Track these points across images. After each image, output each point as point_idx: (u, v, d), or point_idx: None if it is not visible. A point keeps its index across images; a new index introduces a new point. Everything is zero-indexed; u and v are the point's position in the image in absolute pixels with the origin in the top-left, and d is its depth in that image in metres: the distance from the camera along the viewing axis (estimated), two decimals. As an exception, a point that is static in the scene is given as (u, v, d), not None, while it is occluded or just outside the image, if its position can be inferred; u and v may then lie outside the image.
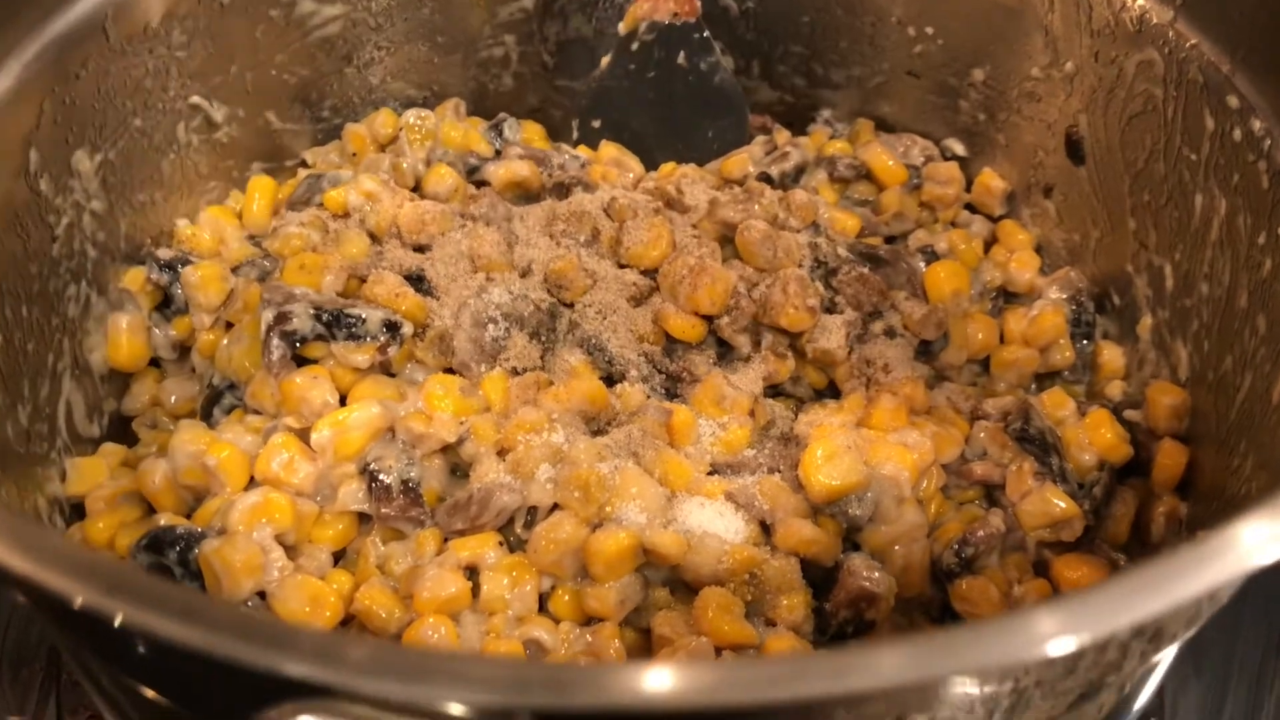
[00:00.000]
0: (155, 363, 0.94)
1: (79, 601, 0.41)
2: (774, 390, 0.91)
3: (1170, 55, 0.84)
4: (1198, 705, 0.98)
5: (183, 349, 0.93)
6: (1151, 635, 0.58)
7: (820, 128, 1.11)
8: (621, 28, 1.01)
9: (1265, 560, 0.46)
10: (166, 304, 0.93)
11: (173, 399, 0.92)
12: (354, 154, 1.03)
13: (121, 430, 0.93)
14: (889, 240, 1.01)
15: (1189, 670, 0.99)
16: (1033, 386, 0.94)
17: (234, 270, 0.92)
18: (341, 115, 1.08)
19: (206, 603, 0.43)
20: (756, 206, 0.91)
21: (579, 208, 0.91)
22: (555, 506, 0.75)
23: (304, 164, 1.07)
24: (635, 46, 1.01)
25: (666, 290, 0.87)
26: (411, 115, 1.03)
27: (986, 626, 0.46)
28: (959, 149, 1.06)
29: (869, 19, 1.05)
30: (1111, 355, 0.93)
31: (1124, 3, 0.88)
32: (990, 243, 1.03)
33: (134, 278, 0.92)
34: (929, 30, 1.03)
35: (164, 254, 0.93)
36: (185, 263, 0.92)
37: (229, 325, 0.90)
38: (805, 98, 1.12)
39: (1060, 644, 0.45)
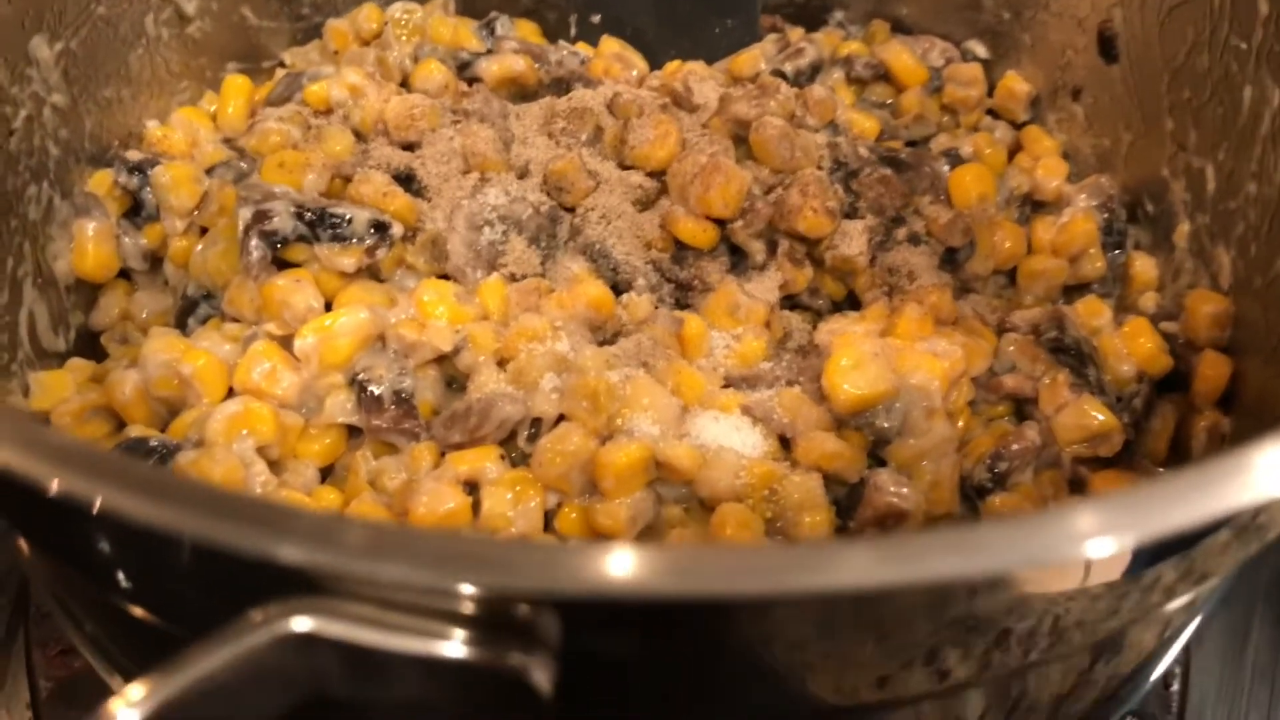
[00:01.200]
0: (126, 274, 0.88)
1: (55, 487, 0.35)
2: (790, 302, 0.85)
3: (1220, -64, 0.78)
4: (1224, 633, 0.95)
5: (154, 259, 0.87)
6: (1199, 575, 0.54)
7: (832, 30, 1.05)
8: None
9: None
10: (136, 211, 0.86)
11: (144, 312, 0.86)
12: (336, 52, 0.96)
13: (90, 345, 0.86)
14: (910, 144, 0.94)
15: (1214, 599, 0.96)
16: (1060, 300, 0.89)
17: (208, 172, 0.85)
18: (322, 13, 1.01)
19: (185, 482, 0.37)
20: (772, 103, 0.85)
21: (580, 104, 0.85)
22: (561, 418, 0.70)
23: (282, 65, 1.00)
24: (639, -65, 0.94)
25: (676, 192, 0.81)
26: (398, 8, 0.96)
27: (1017, 522, 0.41)
28: (981, 51, 1.00)
29: (887, -89, 0.99)
30: (1144, 266, 0.87)
31: (1169, -119, 0.81)
32: (1014, 150, 0.97)
33: (100, 181, 0.86)
34: (949, -79, 0.96)
35: (133, 156, 0.86)
36: (155, 165, 0.85)
37: (203, 231, 0.84)
38: (815, -3, 1.06)
39: (1100, 544, 0.40)
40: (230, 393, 0.73)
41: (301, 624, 0.34)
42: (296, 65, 0.97)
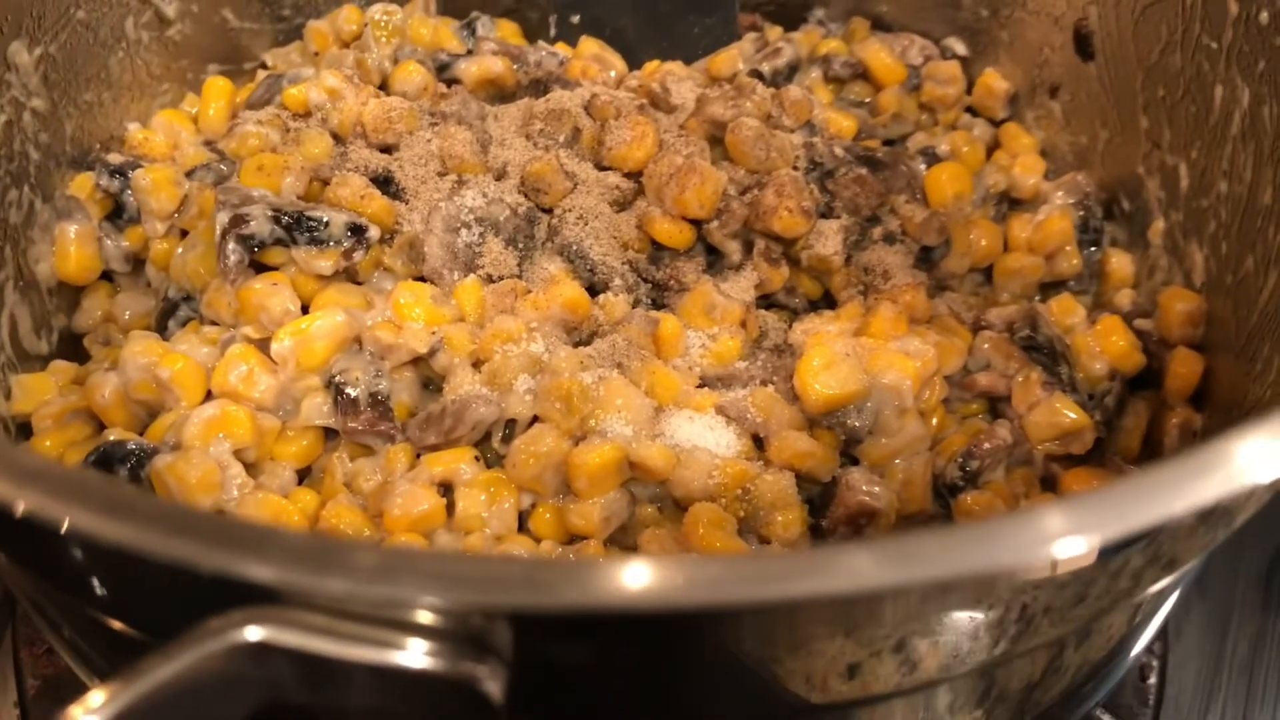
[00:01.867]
0: (108, 276, 0.89)
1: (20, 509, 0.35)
2: (766, 301, 0.85)
3: (1191, -64, 0.79)
4: (1201, 627, 0.95)
5: (136, 261, 0.88)
6: (1166, 561, 0.54)
7: (812, 28, 1.05)
8: (601, -85, 0.94)
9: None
10: (118, 213, 0.87)
11: (126, 314, 0.87)
12: (316, 53, 0.97)
13: (72, 348, 0.87)
14: (887, 143, 0.95)
15: (1193, 593, 0.96)
16: (1036, 298, 0.89)
17: (188, 175, 0.85)
18: (303, 14, 1.02)
19: (144, 497, 0.38)
20: (748, 104, 0.85)
21: (558, 105, 0.85)
22: (535, 419, 0.70)
23: (264, 66, 1.00)
24: (616, -64, 0.95)
25: (652, 193, 0.82)
26: (378, 10, 0.96)
27: (988, 526, 0.42)
28: (960, 48, 1.00)
29: (866, -91, 0.99)
30: (1120, 263, 0.88)
31: (1141, -119, 0.82)
32: (992, 148, 0.97)
33: (82, 184, 0.86)
34: (927, -82, 0.97)
35: (114, 159, 0.87)
36: (136, 168, 0.86)
37: (183, 233, 0.84)
38: (795, -5, 1.06)
39: (1069, 544, 0.41)
40: (208, 396, 0.74)
41: (254, 633, 0.35)
42: (278, 67, 0.98)
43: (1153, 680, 0.91)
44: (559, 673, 0.39)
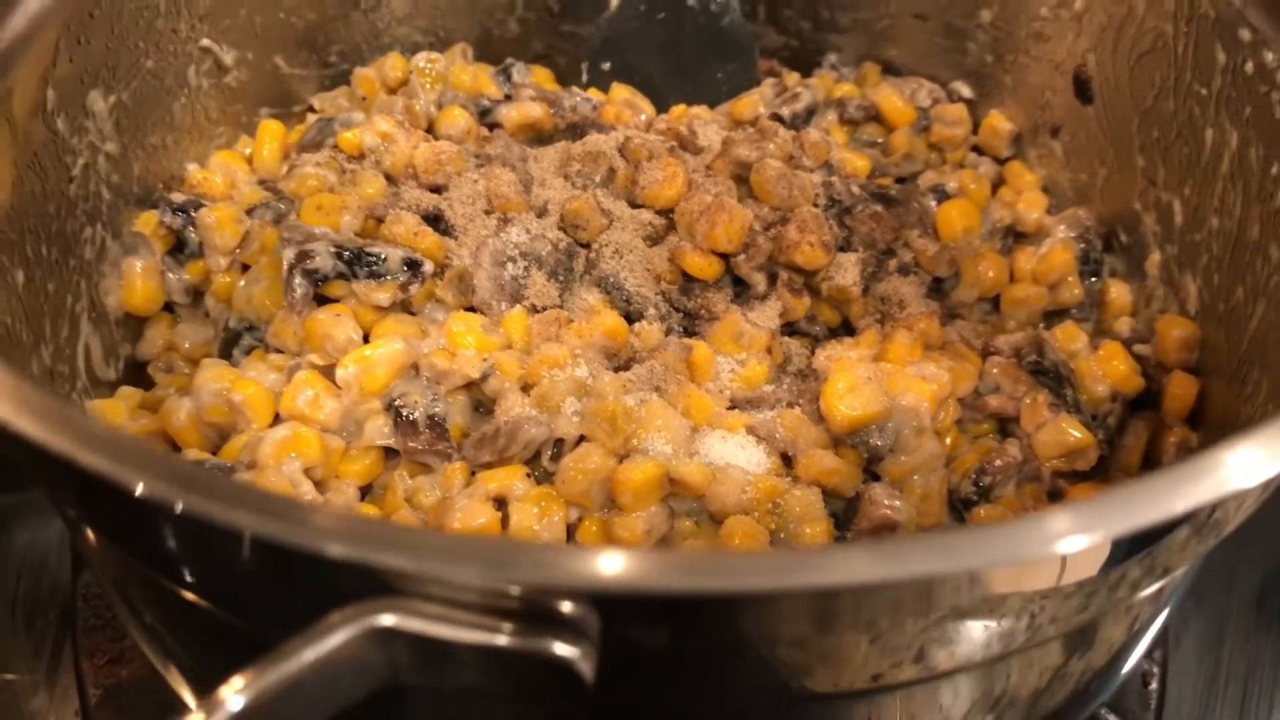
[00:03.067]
0: (169, 308, 0.94)
1: (140, 490, 0.41)
2: (789, 329, 0.91)
3: (1182, -10, 0.85)
4: (1199, 634, 1.01)
5: (196, 293, 0.93)
6: (1161, 570, 0.60)
7: (826, 72, 1.11)
8: (629, -32, 1.01)
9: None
10: (179, 248, 0.93)
11: (187, 343, 0.92)
12: (364, 98, 1.03)
13: (137, 375, 0.93)
14: (899, 181, 1.01)
15: (1190, 603, 1.02)
16: (1041, 325, 0.95)
17: (248, 213, 0.91)
18: (348, 60, 1.08)
19: (265, 493, 0.43)
20: (771, 145, 0.91)
21: (594, 148, 0.91)
22: (582, 439, 0.76)
23: (311, 109, 1.06)
24: (645, -13, 1.01)
25: (683, 228, 0.88)
26: (422, 59, 1.03)
27: (1002, 526, 0.47)
28: (966, 91, 1.07)
29: (876, -39, 1.06)
30: (1119, 292, 0.94)
31: (1135, -61, 0.88)
32: (998, 185, 1.04)
33: (146, 221, 0.92)
34: (937, -29, 1.03)
35: (176, 198, 0.93)
36: (198, 206, 0.92)
37: (244, 267, 0.90)
38: (811, 42, 1.13)
39: (1073, 542, 0.46)
40: (276, 418, 0.79)
41: (386, 620, 0.41)
42: (326, 110, 1.04)
43: (1154, 686, 0.96)
44: (642, 656, 0.44)
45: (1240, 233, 0.81)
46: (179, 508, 0.40)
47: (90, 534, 0.60)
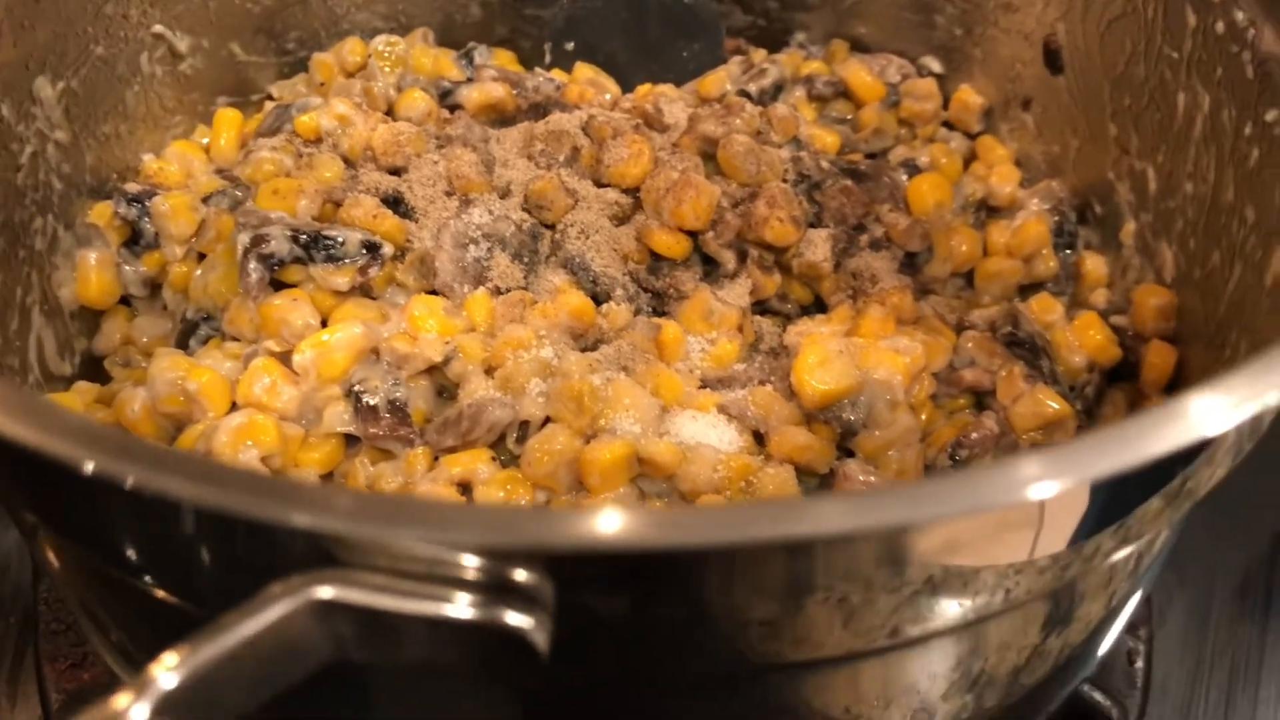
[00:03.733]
0: (126, 300, 0.92)
1: (89, 468, 0.39)
2: (760, 307, 0.90)
3: (1150, -47, 0.84)
4: (1185, 613, 0.99)
5: (153, 286, 0.91)
6: (1135, 539, 0.58)
7: (795, 50, 1.10)
8: (593, -53, 0.99)
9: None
10: (135, 240, 0.90)
11: (145, 337, 0.90)
12: (322, 84, 1.01)
13: (94, 369, 0.90)
14: (870, 157, 1.00)
15: (1174, 581, 1.01)
16: (1016, 299, 0.94)
17: (204, 201, 0.89)
18: (307, 47, 1.06)
19: (209, 462, 0.41)
20: (738, 121, 0.90)
21: (558, 127, 0.90)
22: (548, 420, 0.74)
23: (269, 98, 1.04)
24: (607, -34, 1.00)
25: (650, 207, 0.86)
26: (381, 42, 1.00)
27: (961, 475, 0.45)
28: (935, 66, 1.05)
29: (843, -64, 1.04)
30: (1095, 264, 0.93)
31: (1101, -97, 0.87)
32: (970, 159, 1.02)
33: (101, 212, 0.90)
34: (903, -56, 1.02)
35: (131, 188, 0.90)
36: (153, 196, 0.89)
37: (201, 257, 0.88)
38: (779, 20, 1.11)
39: (1043, 488, 0.44)
40: (234, 407, 0.77)
41: (324, 592, 0.38)
42: (283, 98, 1.02)
43: (1140, 664, 0.95)
44: (599, 624, 0.43)
45: (1215, 196, 0.79)
46: (89, 469, 0.38)
47: (29, 517, 0.58)
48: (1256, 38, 0.75)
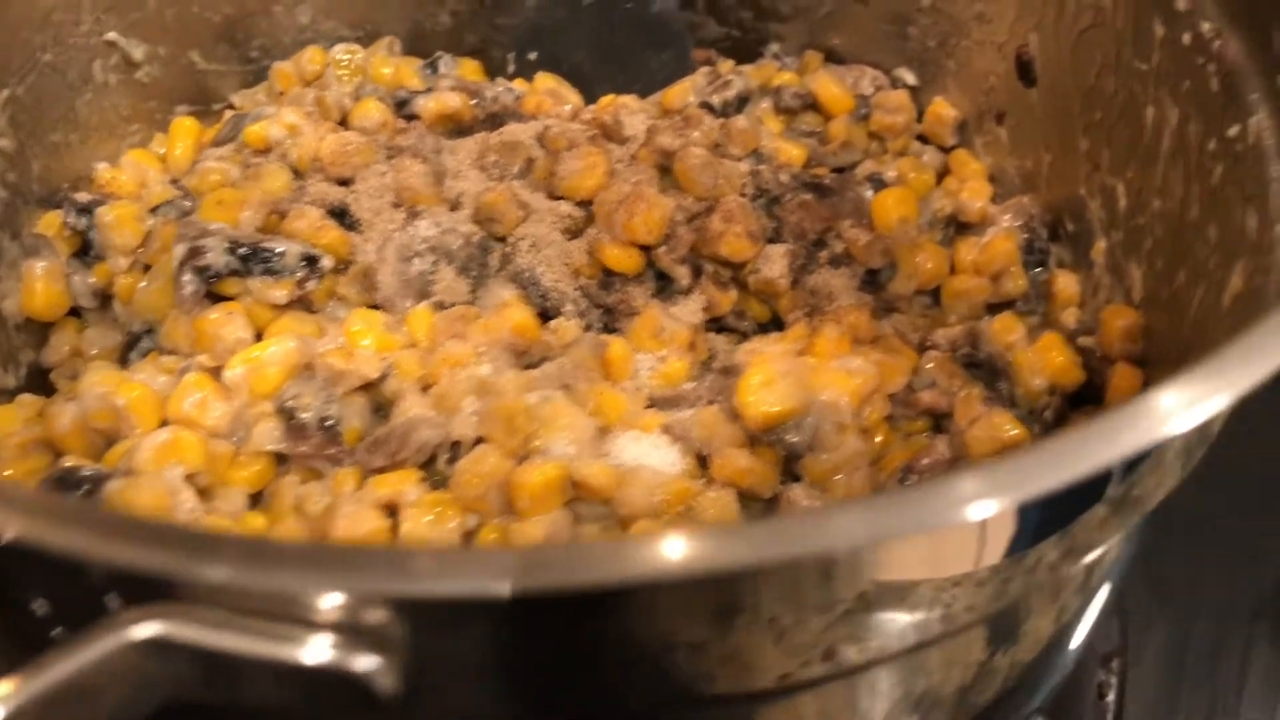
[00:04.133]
0: (77, 312, 0.90)
1: None
2: (717, 325, 0.87)
3: (1119, -38, 0.81)
4: (1162, 642, 0.96)
5: (104, 297, 0.89)
6: (1067, 550, 0.56)
7: (769, 61, 1.07)
8: (556, -46, 0.97)
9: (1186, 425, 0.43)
10: (86, 250, 0.89)
11: (94, 349, 0.88)
12: (281, 93, 0.99)
13: (41, 382, 0.89)
14: (837, 171, 0.97)
15: (1154, 611, 0.97)
16: (985, 318, 0.91)
17: (152, 211, 0.88)
18: (271, 56, 1.04)
19: (23, 492, 0.39)
20: (696, 133, 0.87)
21: (511, 138, 0.88)
22: (481, 441, 0.72)
23: (231, 107, 1.03)
24: (570, -26, 0.98)
25: (602, 220, 0.84)
26: (340, 50, 0.99)
27: (901, 494, 0.43)
28: (910, 78, 1.02)
29: (815, -56, 1.02)
30: (1066, 282, 0.89)
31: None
32: (943, 174, 0.99)
33: (50, 222, 0.88)
34: (876, -46, 0.99)
35: (81, 197, 0.89)
36: (103, 205, 0.88)
37: (147, 268, 0.86)
38: (753, 31, 1.09)
39: (982, 507, 0.42)
40: (166, 423, 0.75)
41: (150, 629, 0.36)
42: (245, 107, 1.00)
43: (1111, 698, 0.92)
44: (451, 665, 0.40)
45: (1182, 214, 0.76)
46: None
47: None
48: (1222, 49, 0.72)
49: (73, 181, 0.92)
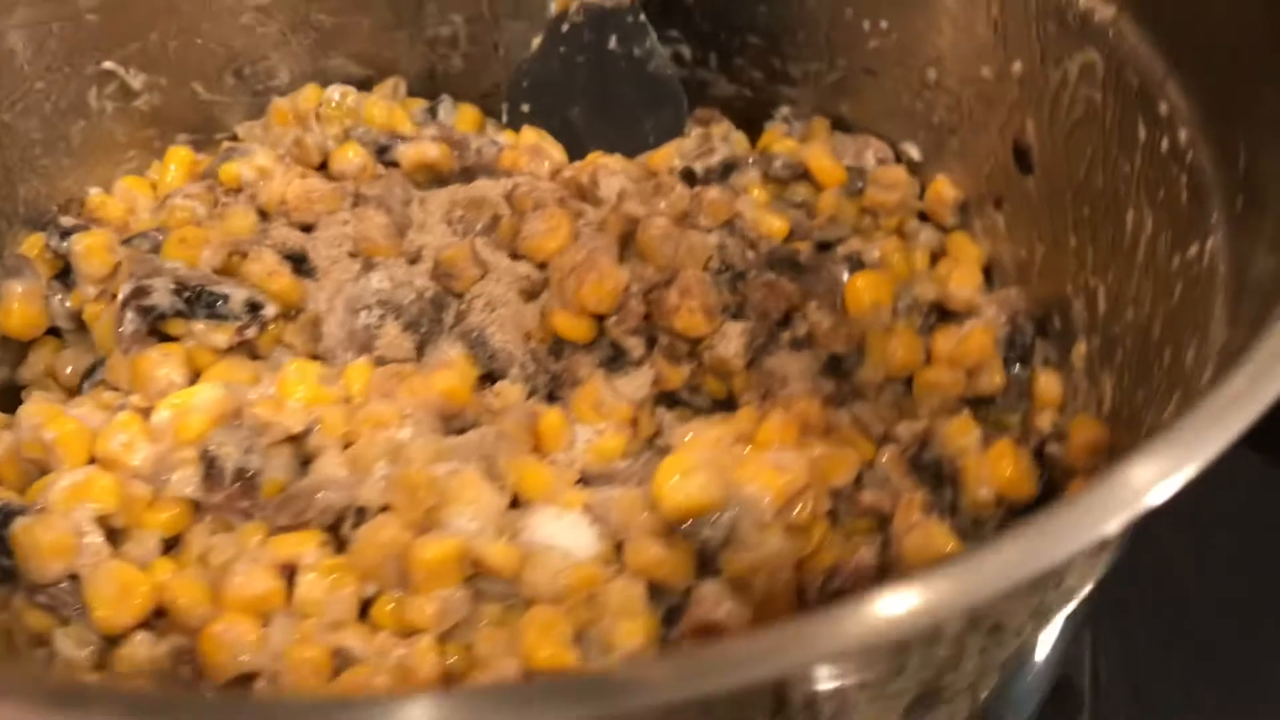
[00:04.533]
0: (59, 332, 0.92)
1: None
2: (672, 399, 0.85)
3: (1110, 56, 0.77)
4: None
5: (80, 320, 0.91)
6: (990, 627, 0.53)
7: (778, 124, 1.05)
8: (553, 7, 0.96)
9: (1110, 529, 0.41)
10: (67, 272, 0.90)
11: (68, 369, 0.89)
12: (276, 129, 1.00)
13: (13, 398, 0.90)
14: (823, 246, 0.94)
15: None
16: (965, 414, 0.87)
17: (126, 242, 0.89)
18: (278, 89, 1.05)
19: None
20: (663, 202, 0.85)
21: (479, 194, 0.87)
22: (386, 508, 0.71)
23: (234, 138, 1.04)
24: (566, 28, 0.96)
25: (555, 285, 0.82)
26: (335, 90, 0.99)
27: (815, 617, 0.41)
28: (914, 153, 0.99)
29: (824, 11, 0.99)
30: (1049, 383, 0.85)
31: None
32: (940, 255, 0.95)
33: (33, 244, 0.90)
34: (883, 24, 0.96)
35: (66, 222, 0.90)
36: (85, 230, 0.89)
37: (114, 297, 0.87)
38: (764, 92, 1.06)
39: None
40: (93, 460, 0.76)
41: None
42: (246, 139, 1.01)
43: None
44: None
45: (1148, 329, 0.72)
46: None
47: None
48: (1195, 159, 0.68)
49: (63, 204, 0.94)
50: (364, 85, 1.06)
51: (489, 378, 0.81)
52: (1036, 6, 0.84)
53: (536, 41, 0.99)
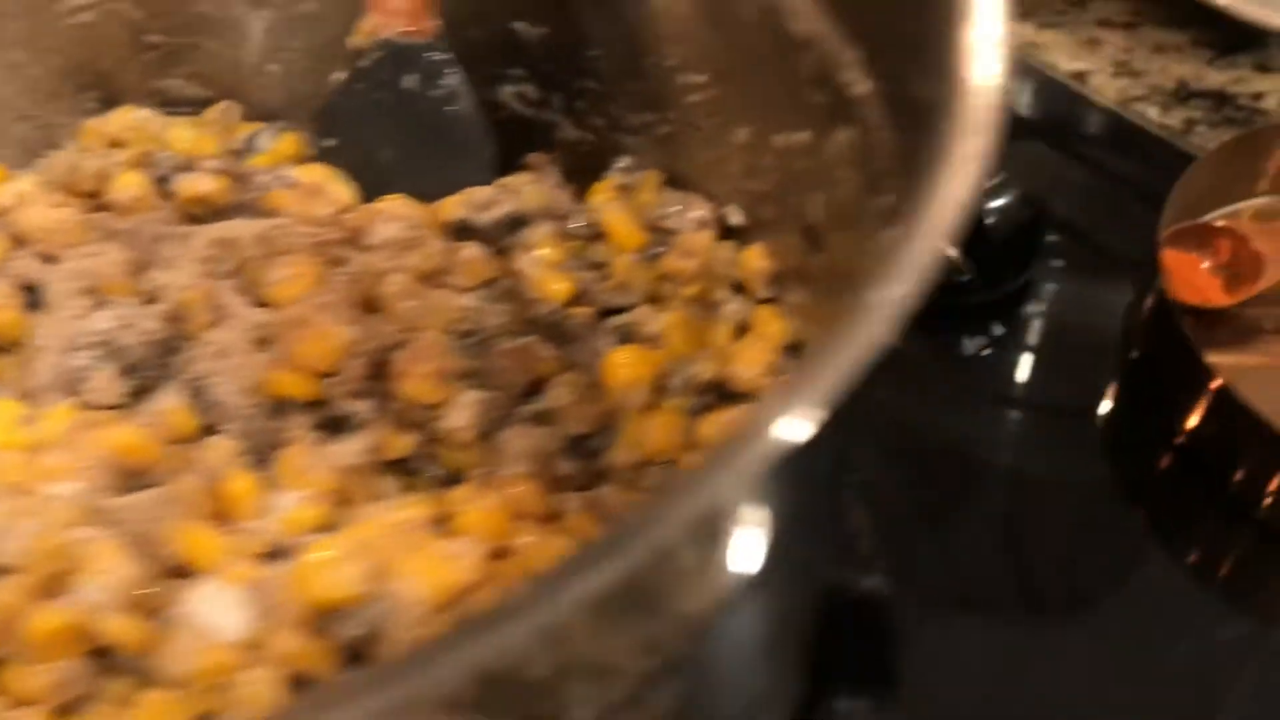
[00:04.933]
0: None
1: None
2: (407, 468, 0.79)
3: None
4: None
5: None
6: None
7: (615, 174, 0.98)
8: (350, 42, 0.91)
9: None
10: None
11: None
12: (85, 150, 0.97)
13: None
14: (612, 312, 0.87)
15: None
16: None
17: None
18: (112, 108, 1.02)
19: None
20: (414, 258, 0.80)
21: (229, 234, 0.82)
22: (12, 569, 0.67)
23: (66, 153, 1.01)
24: (366, 63, 0.91)
25: (279, 339, 0.78)
26: (144, 114, 0.96)
27: None
28: (736, 217, 0.92)
29: (649, 59, 0.92)
30: (820, 481, 0.78)
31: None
32: (746, 329, 0.88)
33: None
34: (701, 79, 0.89)
35: None
36: None
37: None
38: (607, 140, 1.00)
39: None
40: None
41: None
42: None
43: None
44: None
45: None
46: None
47: None
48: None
49: None
50: (205, 106, 1.03)
51: (209, 430, 0.77)
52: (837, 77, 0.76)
53: (345, 74, 0.94)
